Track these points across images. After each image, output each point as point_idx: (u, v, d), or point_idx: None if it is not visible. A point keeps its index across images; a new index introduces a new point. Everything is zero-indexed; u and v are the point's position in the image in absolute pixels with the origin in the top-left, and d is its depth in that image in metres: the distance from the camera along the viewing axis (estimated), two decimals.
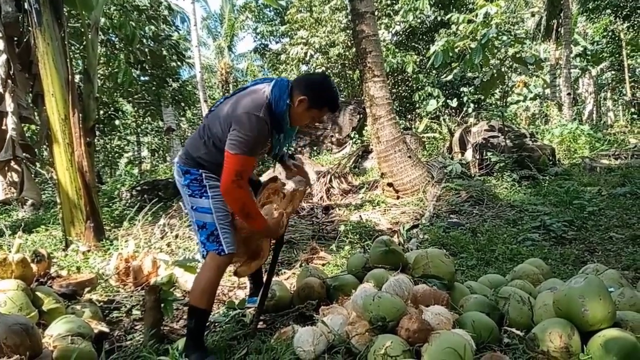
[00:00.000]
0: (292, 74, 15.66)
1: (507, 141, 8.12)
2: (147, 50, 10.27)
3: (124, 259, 3.75)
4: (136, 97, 12.74)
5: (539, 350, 2.02)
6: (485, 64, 9.07)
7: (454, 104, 12.80)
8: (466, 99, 12.89)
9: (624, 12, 14.41)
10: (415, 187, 6.84)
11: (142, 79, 11.90)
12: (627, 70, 19.42)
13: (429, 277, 2.69)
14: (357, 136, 12.56)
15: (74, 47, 9.12)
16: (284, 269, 4.07)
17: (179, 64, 12.02)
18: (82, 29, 6.77)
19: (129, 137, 19.93)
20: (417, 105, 14.30)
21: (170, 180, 9.20)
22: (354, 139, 12.46)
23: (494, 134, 8.56)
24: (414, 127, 14.31)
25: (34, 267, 2.93)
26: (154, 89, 11.97)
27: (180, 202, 6.31)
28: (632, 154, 8.73)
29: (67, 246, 4.79)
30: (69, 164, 4.83)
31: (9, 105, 5.04)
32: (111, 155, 18.18)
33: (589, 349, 1.94)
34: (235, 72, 24.95)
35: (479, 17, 9.35)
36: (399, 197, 6.89)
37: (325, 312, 2.47)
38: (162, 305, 2.60)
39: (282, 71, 16.79)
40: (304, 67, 16.15)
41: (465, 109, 12.89)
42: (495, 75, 9.24)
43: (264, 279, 2.77)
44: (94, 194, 5.03)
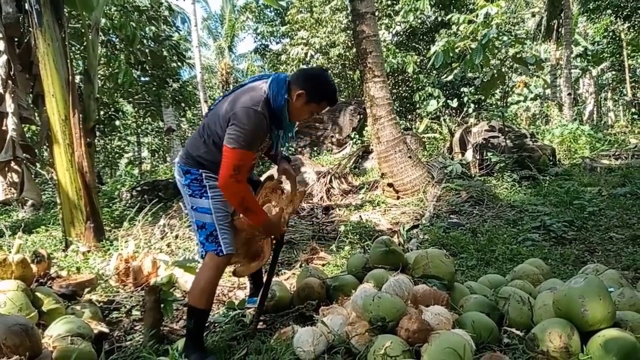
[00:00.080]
0: None
1: (508, 141, 8.11)
2: (147, 50, 10.30)
3: (123, 259, 3.75)
4: (136, 97, 12.75)
5: (538, 350, 2.02)
6: (485, 64, 9.08)
7: (455, 104, 12.79)
8: (466, 99, 12.87)
9: (625, 13, 14.40)
10: (415, 188, 6.83)
11: (143, 79, 11.92)
12: (627, 70, 19.43)
13: (429, 277, 2.69)
14: (358, 136, 12.53)
15: (74, 48, 9.13)
16: (284, 269, 4.07)
17: (180, 64, 12.03)
18: (83, 30, 6.79)
19: (129, 138, 19.95)
20: (418, 105, 14.30)
21: (170, 180, 9.19)
22: (354, 140, 12.44)
23: (495, 134, 8.55)
24: (415, 128, 14.28)
25: (34, 267, 2.93)
26: (154, 89, 11.98)
27: (180, 203, 6.31)
28: (633, 154, 8.72)
29: (67, 247, 4.79)
30: (69, 165, 4.84)
31: (10, 105, 5.04)
32: (111, 155, 18.21)
33: (589, 349, 1.94)
34: (235, 72, 24.93)
35: (480, 18, 9.36)
36: (399, 198, 6.88)
37: (325, 313, 2.47)
38: (162, 305, 2.60)
39: (283, 72, 16.75)
40: None
41: (465, 109, 12.87)
42: (495, 75, 9.25)
43: (264, 280, 2.77)
44: (94, 194, 5.03)
